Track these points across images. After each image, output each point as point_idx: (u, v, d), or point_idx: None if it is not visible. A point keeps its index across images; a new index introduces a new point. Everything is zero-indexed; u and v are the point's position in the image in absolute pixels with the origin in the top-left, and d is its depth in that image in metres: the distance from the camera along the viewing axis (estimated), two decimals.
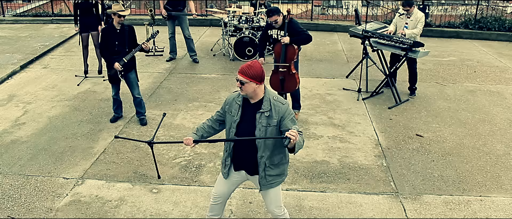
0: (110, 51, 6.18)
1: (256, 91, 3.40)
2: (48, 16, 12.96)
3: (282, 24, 6.22)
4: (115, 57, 6.15)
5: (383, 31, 7.88)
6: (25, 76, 8.59)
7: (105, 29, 6.28)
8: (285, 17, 6.19)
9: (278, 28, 6.28)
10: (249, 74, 3.32)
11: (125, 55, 6.16)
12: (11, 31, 11.90)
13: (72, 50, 10.15)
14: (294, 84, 6.41)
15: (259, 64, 3.38)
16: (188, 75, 8.52)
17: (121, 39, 6.16)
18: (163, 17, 8.88)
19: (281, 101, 3.45)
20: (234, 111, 3.51)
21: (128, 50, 6.20)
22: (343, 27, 12.37)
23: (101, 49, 6.28)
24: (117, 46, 6.15)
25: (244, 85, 3.35)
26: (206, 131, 3.69)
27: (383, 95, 7.76)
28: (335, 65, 9.33)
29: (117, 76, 6.23)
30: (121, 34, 6.16)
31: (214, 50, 9.96)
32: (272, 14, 6.09)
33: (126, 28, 6.21)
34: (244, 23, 9.28)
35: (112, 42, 6.14)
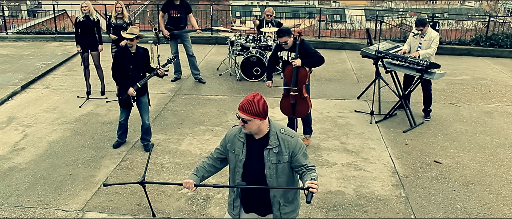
0: (123, 75, 5.89)
1: (261, 127, 3.11)
2: (51, 33, 12.77)
3: (292, 46, 5.95)
4: (129, 82, 5.86)
5: (396, 51, 7.61)
6: (26, 97, 8.34)
7: (118, 51, 6.02)
8: (296, 38, 5.92)
9: (288, 50, 6.01)
10: (251, 111, 3.02)
11: (139, 79, 5.87)
12: (13, 49, 11.69)
13: (74, 69, 9.91)
14: (306, 109, 6.12)
15: (261, 98, 3.08)
16: (194, 96, 8.24)
17: (135, 63, 5.87)
18: (165, 37, 8.64)
19: (290, 134, 3.16)
20: (238, 149, 3.20)
21: (142, 75, 5.92)
22: (351, 45, 12.11)
23: (114, 72, 6.00)
24: (131, 71, 5.87)
25: (247, 123, 3.05)
26: (206, 171, 3.36)
27: (396, 118, 7.46)
28: (345, 86, 9.05)
29: (129, 101, 5.94)
30: (135, 58, 5.88)
31: (220, 70, 9.69)
32: (283, 35, 5.82)
33: (140, 51, 5.94)
34: (251, 42, 9.02)
35: (126, 66, 5.86)
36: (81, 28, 7.86)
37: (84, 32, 7.88)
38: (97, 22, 7.95)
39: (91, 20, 7.84)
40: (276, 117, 7.31)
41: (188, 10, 8.54)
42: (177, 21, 8.51)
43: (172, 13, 8.48)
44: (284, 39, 5.82)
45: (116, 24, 7.88)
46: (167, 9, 8.52)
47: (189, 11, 8.55)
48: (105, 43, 9.64)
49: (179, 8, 8.43)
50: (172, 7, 8.45)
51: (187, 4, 8.63)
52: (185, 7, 8.50)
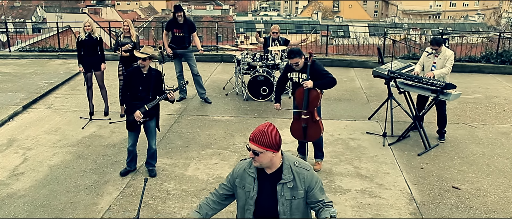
0: (132, 96, 5.66)
1: (273, 160, 2.85)
2: (54, 51, 12.61)
3: (303, 66, 5.72)
4: (137, 103, 5.62)
5: (408, 70, 7.36)
6: (27, 117, 8.12)
7: (130, 71, 5.80)
8: (307, 59, 5.69)
9: (299, 71, 5.78)
10: (264, 142, 2.77)
11: (148, 101, 5.63)
12: (16, 67, 11.52)
13: (77, 88, 9.70)
14: (318, 132, 5.86)
15: (274, 128, 2.83)
16: (200, 117, 8.00)
17: (146, 84, 5.63)
18: (168, 56, 8.44)
19: (305, 168, 2.91)
20: (248, 185, 2.94)
21: (151, 97, 5.67)
22: (359, 62, 11.90)
23: (123, 93, 5.76)
24: (140, 92, 5.63)
25: (258, 156, 2.80)
26: (211, 208, 3.09)
27: (410, 140, 7.19)
28: (355, 105, 8.79)
29: (135, 123, 5.69)
30: (146, 79, 5.64)
31: (227, 89, 9.46)
32: (294, 56, 5.60)
33: (153, 72, 5.70)
34: (258, 61, 8.80)
35: (136, 87, 5.62)
36: (83, 47, 7.67)
37: (86, 51, 7.69)
38: (100, 40, 7.77)
39: (94, 38, 7.65)
40: (285, 139, 7.04)
41: (192, 29, 8.35)
42: (180, 40, 8.32)
43: (175, 32, 8.30)
44: (295, 60, 5.60)
45: (123, 43, 7.69)
46: (171, 27, 8.35)
47: (193, 30, 8.36)
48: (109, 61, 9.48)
49: (183, 27, 8.25)
50: (176, 26, 8.27)
51: (191, 23, 8.44)
52: (188, 26, 8.32)
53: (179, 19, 8.18)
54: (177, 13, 8.16)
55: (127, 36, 7.73)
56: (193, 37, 8.41)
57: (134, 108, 5.58)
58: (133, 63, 7.86)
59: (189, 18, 8.59)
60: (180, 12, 8.16)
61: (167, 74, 9.55)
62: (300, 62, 5.64)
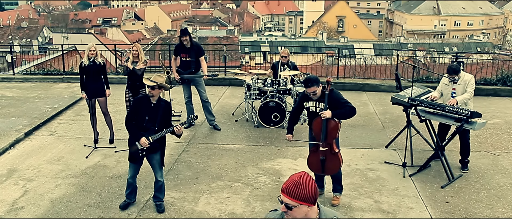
0: (137, 125, 5.33)
1: (309, 215, 2.51)
2: (59, 74, 12.36)
3: (321, 95, 5.39)
4: (141, 134, 5.29)
5: (427, 96, 7.01)
6: (29, 145, 7.79)
7: (137, 99, 5.49)
8: (324, 88, 5.36)
9: (316, 100, 5.44)
10: (298, 195, 2.44)
11: (153, 133, 5.29)
12: (19, 91, 11.26)
13: (82, 113, 9.39)
14: (337, 165, 5.49)
15: (310, 179, 2.49)
16: (209, 145, 7.64)
17: (153, 115, 5.31)
18: (176, 81, 8.15)
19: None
20: None
21: (157, 129, 5.33)
22: (371, 86, 11.57)
23: (127, 121, 5.42)
24: (146, 122, 5.31)
25: (291, 210, 2.47)
26: None
27: (431, 170, 6.80)
28: (370, 132, 8.43)
29: (137, 155, 5.35)
30: (154, 109, 5.31)
31: (236, 115, 9.11)
32: (311, 84, 5.27)
33: (162, 103, 5.38)
34: (269, 86, 8.47)
35: (142, 116, 5.31)
36: (86, 73, 7.39)
37: (89, 77, 7.41)
38: (103, 66, 7.49)
39: (97, 64, 7.38)
40: (300, 170, 6.68)
41: (199, 54, 8.05)
42: (187, 65, 8.03)
43: (182, 57, 8.02)
44: (312, 89, 5.27)
45: (133, 68, 7.42)
46: (178, 52, 8.07)
47: (200, 54, 8.06)
48: (115, 85, 9.20)
49: (190, 52, 7.97)
50: (183, 51, 8.00)
51: (199, 47, 8.16)
52: (196, 50, 8.02)
53: (186, 43, 7.90)
54: (183, 37, 7.90)
55: (135, 61, 7.46)
56: (200, 62, 8.11)
57: (139, 137, 5.25)
58: (140, 90, 7.58)
59: (196, 42, 8.29)
60: (185, 36, 7.89)
61: (174, 99, 9.24)
62: (317, 91, 5.32)
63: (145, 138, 5.23)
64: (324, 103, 5.37)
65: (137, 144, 5.27)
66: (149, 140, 5.25)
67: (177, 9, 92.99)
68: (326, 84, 5.36)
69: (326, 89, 5.33)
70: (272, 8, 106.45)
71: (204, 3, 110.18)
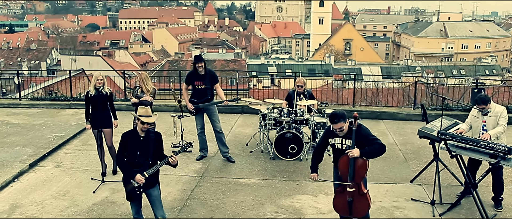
0: (129, 162, 5.00)
1: None
2: (66, 100, 12.07)
3: (347, 131, 4.99)
4: (135, 171, 4.95)
5: (455, 129, 6.58)
6: (33, 178, 7.40)
7: (125, 134, 5.14)
8: (351, 123, 4.96)
9: (342, 137, 5.03)
10: None
11: (147, 168, 4.96)
12: (25, 118, 10.94)
13: (89, 142, 9.02)
14: (366, 207, 5.06)
15: None
16: (224, 180, 7.21)
17: (144, 149, 5.02)
18: (190, 112, 7.75)
19: None
20: None
21: (151, 163, 5.01)
22: (389, 114, 11.15)
23: (119, 158, 5.10)
24: (138, 157, 5.00)
25: None
26: None
27: (462, 208, 6.33)
28: (392, 165, 7.97)
29: (135, 193, 4.99)
30: (144, 143, 5.02)
31: (251, 146, 8.70)
32: (338, 120, 4.87)
33: (152, 136, 5.07)
34: (286, 116, 8.08)
35: (133, 152, 5.00)
36: (93, 103, 7.07)
37: (96, 107, 7.08)
38: (110, 96, 7.16)
39: (103, 94, 7.05)
40: (321, 208, 6.25)
41: (214, 81, 7.70)
42: (202, 93, 7.65)
43: (196, 84, 7.64)
44: (339, 125, 4.87)
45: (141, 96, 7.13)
46: (191, 80, 7.69)
47: (215, 82, 7.71)
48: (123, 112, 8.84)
49: (204, 79, 7.60)
50: (196, 78, 7.62)
51: (213, 73, 7.80)
52: (210, 77, 7.67)
53: (200, 70, 7.55)
54: (198, 64, 7.53)
55: (143, 90, 7.15)
56: (216, 89, 7.75)
57: (133, 174, 4.96)
58: None
59: (210, 69, 7.92)
60: (201, 63, 7.53)
61: (186, 128, 8.87)
62: (344, 127, 4.92)
63: (140, 174, 4.92)
64: (349, 140, 4.97)
65: (133, 182, 4.96)
66: (144, 176, 4.94)
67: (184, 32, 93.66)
68: (353, 120, 4.96)
69: (353, 125, 4.93)
70: (279, 31, 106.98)
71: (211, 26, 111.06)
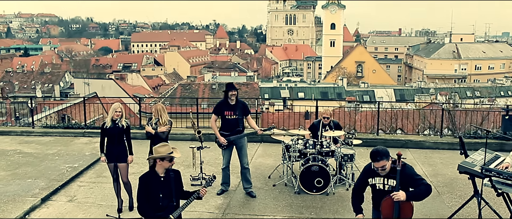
0: (152, 207, 4.57)
1: None
2: (79, 128, 11.76)
3: (390, 170, 4.55)
4: (161, 214, 4.52)
5: (497, 164, 6.08)
6: (45, 213, 7.01)
7: (143, 177, 4.74)
8: (395, 162, 4.52)
9: (384, 176, 4.59)
10: None
11: (172, 210, 4.56)
12: (38, 147, 10.63)
13: (104, 174, 8.63)
14: None
15: None
16: (247, 217, 6.75)
17: (166, 190, 4.63)
18: (222, 146, 7.30)
19: None
20: None
21: (176, 204, 4.61)
22: (415, 143, 10.66)
23: (141, 205, 4.67)
24: (161, 200, 4.59)
25: None
26: None
27: None
28: (425, 200, 7.40)
29: None
30: (166, 183, 4.63)
31: (273, 178, 8.24)
32: (380, 158, 4.45)
33: (172, 175, 4.67)
34: (311, 148, 7.64)
35: (155, 195, 4.60)
36: (108, 135, 6.70)
37: (112, 140, 6.71)
38: (127, 129, 6.79)
39: (120, 127, 6.68)
40: None
41: (246, 111, 7.29)
42: (233, 124, 7.21)
43: (227, 115, 7.20)
44: (381, 163, 4.44)
45: (155, 128, 6.74)
46: (221, 110, 7.24)
47: (246, 113, 7.30)
48: (138, 141, 8.48)
49: (235, 109, 7.18)
50: (227, 108, 7.19)
51: (245, 103, 7.36)
52: (242, 107, 7.25)
53: (232, 99, 7.15)
54: (230, 92, 7.12)
55: (156, 122, 6.78)
56: (247, 121, 7.34)
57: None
58: None
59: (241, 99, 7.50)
60: (233, 91, 7.12)
61: (204, 158, 8.45)
62: (387, 166, 4.48)
63: None
64: (393, 180, 4.52)
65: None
66: None
67: (196, 55, 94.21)
68: (396, 159, 4.52)
69: (397, 165, 4.49)
70: (290, 54, 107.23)
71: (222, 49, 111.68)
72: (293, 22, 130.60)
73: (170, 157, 4.59)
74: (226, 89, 7.22)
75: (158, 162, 4.62)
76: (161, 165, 4.61)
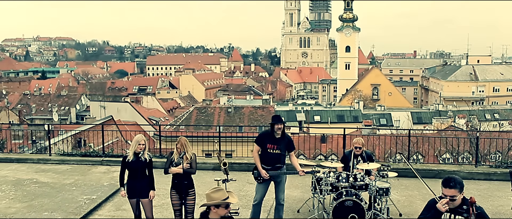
0: None
1: None
2: (98, 156, 11.44)
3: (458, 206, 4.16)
4: None
5: None
6: None
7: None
8: (466, 200, 4.13)
9: (451, 211, 4.16)
10: None
11: None
12: (55, 176, 10.30)
13: (123, 207, 8.23)
14: None
15: None
16: None
17: None
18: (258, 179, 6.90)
19: None
20: None
21: None
22: (449, 173, 10.05)
23: None
24: None
25: None
26: None
27: None
28: None
29: None
30: None
31: (303, 213, 7.76)
32: (454, 185, 4.14)
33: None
34: (344, 181, 7.16)
35: None
36: (130, 169, 6.33)
37: (135, 175, 6.33)
38: (150, 162, 6.42)
39: (143, 160, 6.30)
40: None
41: (290, 147, 6.93)
42: (275, 159, 6.83)
43: (269, 148, 6.83)
44: (452, 192, 4.14)
45: (178, 164, 6.31)
46: (264, 142, 6.88)
47: (291, 149, 6.94)
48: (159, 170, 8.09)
49: (279, 143, 6.81)
50: (271, 141, 6.83)
51: (290, 139, 7.01)
52: (287, 142, 6.89)
53: (278, 133, 6.79)
54: (277, 125, 6.77)
55: (182, 157, 6.35)
56: (290, 157, 6.97)
57: None
58: (189, 190, 6.43)
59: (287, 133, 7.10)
60: (280, 125, 6.78)
61: (228, 188, 8.00)
62: (458, 199, 4.11)
63: None
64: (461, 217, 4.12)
65: None
66: None
67: (211, 78, 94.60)
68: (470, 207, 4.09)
69: (471, 214, 4.06)
70: (305, 76, 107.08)
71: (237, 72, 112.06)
72: (307, 45, 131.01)
73: (226, 204, 4.15)
74: (272, 122, 6.90)
75: (213, 210, 4.17)
76: (216, 213, 4.15)
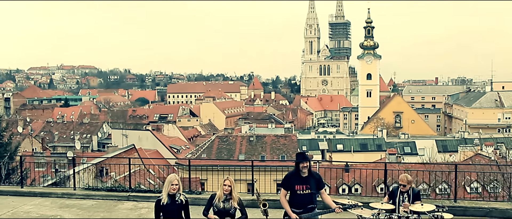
0: None
1: None
2: (124, 191, 11.00)
3: None
4: None
5: None
6: None
7: None
8: None
9: None
10: None
11: None
12: (79, 212, 9.88)
13: None
14: None
15: None
16: None
17: None
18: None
19: None
20: None
21: None
22: (501, 211, 9.31)
23: None
24: None
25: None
26: None
27: None
28: None
29: None
30: None
31: None
32: None
33: None
34: None
35: None
36: (165, 212, 5.84)
37: (167, 217, 5.82)
38: (186, 204, 5.93)
39: (179, 202, 5.82)
40: None
41: (320, 185, 6.39)
42: (306, 200, 6.31)
43: (298, 189, 6.31)
44: None
45: (223, 208, 5.79)
46: (291, 184, 6.36)
47: (321, 186, 6.40)
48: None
49: (308, 182, 6.30)
50: (299, 181, 6.31)
51: (319, 176, 6.48)
52: (316, 180, 6.37)
53: (304, 171, 6.27)
54: (302, 164, 6.27)
55: (228, 199, 5.83)
56: (321, 195, 6.42)
57: None
58: None
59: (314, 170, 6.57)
60: (305, 163, 6.27)
61: None
62: None
63: None
64: None
65: None
66: None
67: (231, 106, 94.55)
68: None
69: None
70: (325, 104, 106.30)
71: (257, 100, 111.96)
72: (327, 73, 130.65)
73: None
74: (296, 160, 6.38)
75: None
76: None
